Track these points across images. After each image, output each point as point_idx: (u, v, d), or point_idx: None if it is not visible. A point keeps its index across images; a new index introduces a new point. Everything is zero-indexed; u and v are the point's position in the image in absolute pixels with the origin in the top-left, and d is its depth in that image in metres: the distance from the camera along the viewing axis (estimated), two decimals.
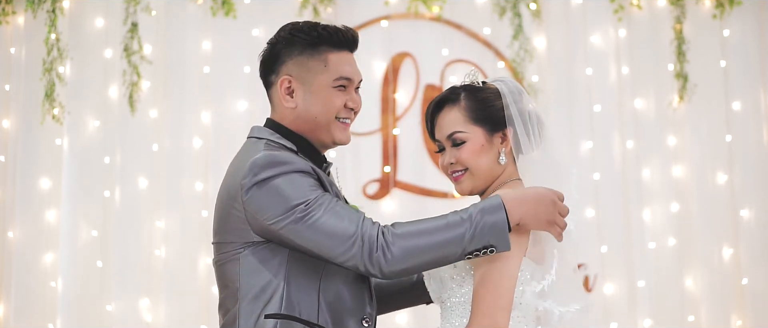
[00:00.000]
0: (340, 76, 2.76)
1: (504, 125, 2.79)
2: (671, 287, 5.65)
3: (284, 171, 2.60)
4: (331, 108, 2.76)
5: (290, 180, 2.59)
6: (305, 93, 2.76)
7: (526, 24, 5.73)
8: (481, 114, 2.78)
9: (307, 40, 2.76)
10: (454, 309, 2.71)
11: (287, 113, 2.78)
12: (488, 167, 2.79)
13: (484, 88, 2.83)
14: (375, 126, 5.73)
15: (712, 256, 5.69)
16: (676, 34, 5.78)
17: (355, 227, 2.53)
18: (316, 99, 2.76)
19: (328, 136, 2.78)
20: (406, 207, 5.58)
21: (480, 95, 2.81)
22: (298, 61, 2.76)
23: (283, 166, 2.61)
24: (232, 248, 2.68)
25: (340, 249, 2.54)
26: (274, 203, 2.57)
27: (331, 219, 2.54)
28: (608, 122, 5.75)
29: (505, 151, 2.81)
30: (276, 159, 2.62)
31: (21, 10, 5.44)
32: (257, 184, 2.59)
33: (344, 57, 2.79)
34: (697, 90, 5.75)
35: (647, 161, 5.75)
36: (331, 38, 2.77)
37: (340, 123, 2.79)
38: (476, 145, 2.78)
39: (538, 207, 2.58)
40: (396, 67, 5.76)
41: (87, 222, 5.41)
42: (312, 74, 2.76)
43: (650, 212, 5.72)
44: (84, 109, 5.48)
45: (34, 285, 5.30)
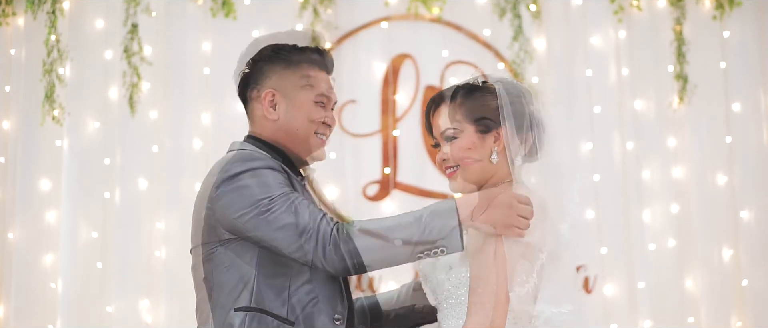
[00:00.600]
0: (321, 93, 2.88)
1: (498, 125, 2.79)
2: (671, 288, 5.65)
3: (253, 167, 2.69)
4: (312, 121, 2.86)
5: (258, 175, 2.67)
6: (288, 106, 2.86)
7: (526, 25, 5.73)
8: (475, 112, 2.80)
9: (290, 58, 2.89)
10: (450, 311, 2.72)
11: (267, 125, 2.88)
12: (479, 165, 2.80)
13: (482, 87, 2.84)
14: (375, 127, 5.73)
15: (712, 257, 5.68)
16: (676, 35, 5.78)
17: (311, 223, 2.59)
18: (298, 112, 2.86)
19: (305, 149, 2.88)
20: (407, 208, 5.54)
21: (476, 94, 2.83)
22: (282, 76, 2.88)
23: (253, 162, 2.71)
24: (206, 250, 2.78)
25: (294, 244, 2.60)
26: (241, 197, 2.66)
27: (288, 215, 2.60)
28: (608, 123, 5.75)
29: (498, 150, 2.80)
30: (246, 157, 2.74)
31: (21, 11, 5.44)
32: (227, 180, 2.70)
33: (323, 77, 2.92)
34: (697, 91, 5.74)
35: (647, 162, 5.75)
36: (311, 58, 2.90)
37: (317, 138, 2.88)
38: (467, 143, 2.79)
39: (494, 211, 2.62)
40: (396, 69, 5.76)
41: (87, 223, 5.41)
42: (295, 89, 2.87)
43: (650, 212, 5.71)
44: (84, 111, 5.48)
45: (34, 286, 5.29)
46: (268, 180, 2.66)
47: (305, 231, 2.59)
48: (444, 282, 2.72)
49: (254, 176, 2.67)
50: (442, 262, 2.73)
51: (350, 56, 5.75)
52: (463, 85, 2.85)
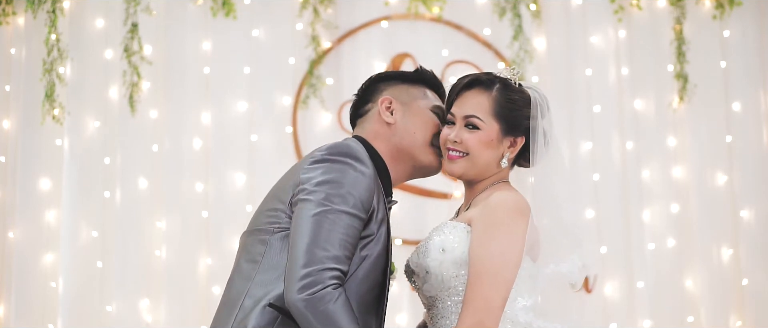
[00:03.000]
0: (439, 106, 2.89)
1: (520, 133, 2.79)
2: (671, 288, 5.64)
3: (349, 162, 2.62)
4: (429, 128, 2.85)
5: (347, 175, 2.61)
6: (405, 112, 2.85)
7: (526, 25, 5.73)
8: (505, 112, 2.78)
9: (408, 76, 2.92)
10: (453, 308, 2.70)
11: (382, 133, 2.83)
12: (487, 162, 2.80)
13: (519, 89, 2.83)
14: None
15: (711, 257, 5.68)
16: (676, 35, 5.77)
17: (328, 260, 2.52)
18: (415, 118, 2.85)
19: (422, 156, 2.84)
20: (407, 208, 5.55)
21: (513, 95, 2.81)
22: (399, 88, 2.89)
23: (350, 158, 2.63)
24: (269, 226, 2.68)
25: (297, 262, 2.52)
26: (319, 176, 2.60)
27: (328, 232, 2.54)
28: (608, 123, 5.74)
29: (510, 156, 2.82)
30: (346, 150, 2.65)
31: (21, 10, 5.43)
32: (323, 161, 2.63)
33: (439, 101, 2.93)
34: (697, 91, 5.74)
35: (647, 162, 5.74)
36: (425, 79, 2.92)
37: (434, 149, 2.85)
38: (487, 138, 2.78)
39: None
40: (396, 68, 5.72)
41: (87, 223, 5.41)
42: (412, 97, 2.87)
43: (650, 212, 5.71)
44: (84, 110, 5.48)
45: (35, 286, 5.29)
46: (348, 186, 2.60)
47: (313, 262, 2.52)
48: (451, 279, 2.70)
49: (342, 173, 2.61)
50: (452, 258, 2.69)
51: (350, 56, 5.74)
52: (501, 80, 2.83)
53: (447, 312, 2.72)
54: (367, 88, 2.94)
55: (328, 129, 5.67)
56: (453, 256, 2.68)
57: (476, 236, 2.66)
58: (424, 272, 2.74)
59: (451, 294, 2.71)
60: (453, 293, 2.70)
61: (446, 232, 2.72)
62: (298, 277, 2.50)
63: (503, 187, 2.81)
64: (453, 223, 2.74)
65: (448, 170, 2.84)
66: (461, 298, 2.68)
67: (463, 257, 2.67)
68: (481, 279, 2.60)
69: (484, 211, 2.69)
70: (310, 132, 5.68)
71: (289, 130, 5.63)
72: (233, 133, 5.50)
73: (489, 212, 2.67)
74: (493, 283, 2.59)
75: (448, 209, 5.20)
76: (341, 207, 2.57)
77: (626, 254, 5.65)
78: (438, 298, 2.75)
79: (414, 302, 5.20)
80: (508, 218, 2.65)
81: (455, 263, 2.68)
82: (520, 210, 2.68)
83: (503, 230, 2.64)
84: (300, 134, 5.66)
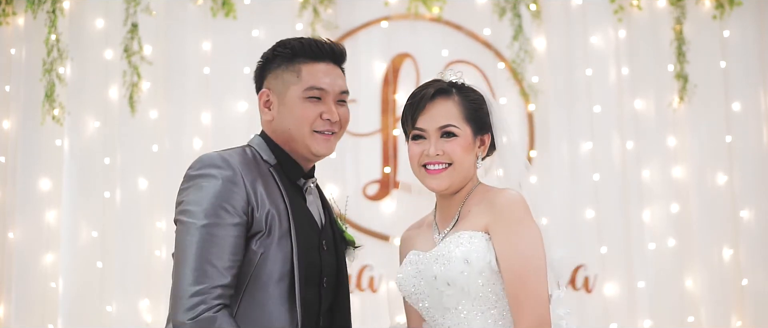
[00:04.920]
0: (311, 87, 2.75)
1: (486, 130, 2.82)
2: (671, 288, 5.64)
3: (206, 174, 2.62)
4: (303, 120, 2.74)
5: (201, 189, 2.61)
6: (280, 105, 2.77)
7: (526, 25, 5.72)
8: (472, 114, 2.79)
9: (285, 53, 2.78)
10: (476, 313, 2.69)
11: (268, 126, 2.80)
12: (468, 166, 2.80)
13: (473, 89, 2.85)
14: (375, 127, 5.73)
15: (712, 257, 5.68)
16: (676, 35, 5.77)
17: (205, 279, 2.52)
18: (288, 111, 2.75)
19: (305, 148, 2.76)
20: (406, 207, 5.52)
21: (471, 95, 2.82)
22: (276, 75, 2.78)
23: (210, 169, 2.63)
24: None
25: (180, 285, 2.53)
26: (183, 195, 2.63)
27: (202, 250, 2.55)
28: (608, 123, 5.74)
29: (482, 155, 2.83)
30: (207, 162, 2.66)
31: (21, 10, 5.44)
32: (184, 178, 2.65)
33: (320, 68, 2.78)
34: (697, 91, 5.73)
35: (647, 162, 5.74)
36: (306, 50, 2.77)
37: (318, 135, 2.76)
38: (465, 143, 2.78)
39: None
40: (396, 68, 5.75)
41: (87, 223, 5.41)
42: (285, 86, 2.76)
43: (650, 212, 5.71)
44: (84, 110, 5.49)
45: (35, 286, 5.30)
46: (210, 198, 2.59)
47: (192, 284, 2.52)
48: (478, 288, 2.67)
49: (199, 189, 2.61)
50: (478, 268, 2.67)
51: (350, 56, 5.61)
52: (454, 84, 2.83)
53: (470, 317, 2.71)
54: (257, 75, 2.87)
55: None
56: (479, 266, 2.66)
57: (504, 240, 2.66)
58: (445, 284, 2.70)
59: (473, 299, 2.69)
60: (475, 299, 2.69)
61: (466, 242, 2.70)
62: (178, 302, 2.53)
63: (490, 187, 2.82)
64: (469, 233, 2.72)
65: (432, 185, 2.81)
66: (483, 302, 2.68)
67: (488, 265, 2.66)
68: (527, 279, 2.61)
69: (500, 214, 2.68)
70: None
71: None
72: (233, 133, 5.50)
73: (506, 213, 2.67)
74: (537, 279, 2.62)
75: None
76: (205, 221, 2.57)
77: (626, 254, 5.65)
78: (457, 307, 2.72)
79: None
80: (524, 214, 2.67)
81: (480, 273, 2.67)
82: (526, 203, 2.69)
83: (525, 226, 2.66)
84: None
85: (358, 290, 5.58)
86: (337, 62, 2.84)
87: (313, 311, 2.71)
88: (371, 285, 5.56)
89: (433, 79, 2.86)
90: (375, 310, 5.54)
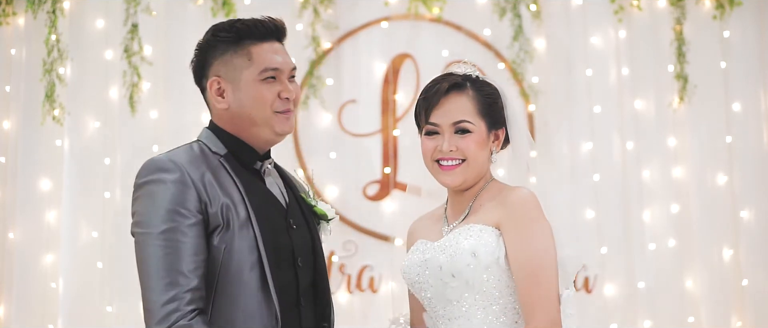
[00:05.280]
0: (266, 68, 2.69)
1: (500, 125, 2.80)
2: (671, 289, 5.63)
3: (155, 179, 2.59)
4: (263, 102, 2.68)
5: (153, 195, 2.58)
6: (235, 91, 2.69)
7: (526, 25, 5.71)
8: (486, 109, 2.77)
9: (229, 38, 2.72)
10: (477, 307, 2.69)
11: (222, 114, 2.73)
12: (482, 162, 2.78)
13: (487, 83, 2.82)
14: (375, 127, 5.72)
15: (712, 257, 5.67)
16: (676, 35, 5.76)
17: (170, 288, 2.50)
18: (245, 96, 2.69)
19: (268, 131, 2.71)
20: (406, 208, 5.54)
21: (486, 90, 2.79)
22: (223, 60, 2.71)
23: (159, 173, 2.60)
24: None
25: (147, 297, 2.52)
26: (134, 205, 2.60)
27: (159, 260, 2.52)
28: (608, 123, 5.73)
29: (496, 150, 2.80)
30: (154, 166, 2.62)
31: (21, 11, 5.43)
32: (135, 186, 2.63)
33: (268, 47, 2.73)
34: (697, 91, 5.72)
35: (647, 162, 5.73)
36: (251, 31, 2.72)
37: (278, 115, 2.71)
38: (480, 138, 2.75)
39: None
40: (396, 68, 5.75)
41: (87, 223, 5.40)
42: (238, 71, 2.69)
43: (650, 213, 5.70)
44: (84, 110, 5.48)
45: (35, 286, 5.30)
46: (159, 204, 2.56)
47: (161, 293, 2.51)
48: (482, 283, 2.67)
49: (150, 196, 2.58)
50: (485, 263, 2.66)
51: (350, 56, 5.73)
52: (468, 78, 2.80)
53: (471, 312, 2.70)
54: (198, 66, 2.79)
55: (329, 129, 5.67)
56: (486, 260, 2.66)
57: (516, 238, 2.66)
58: (450, 275, 2.69)
59: (476, 293, 2.68)
60: (478, 293, 2.67)
61: (475, 235, 2.69)
62: (151, 315, 2.52)
63: (504, 184, 2.81)
64: (479, 226, 2.71)
65: (445, 181, 2.79)
66: (486, 297, 2.67)
67: (496, 261, 2.66)
68: (540, 278, 2.61)
69: (513, 211, 2.67)
70: (311, 133, 5.67)
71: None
72: None
73: (520, 211, 2.67)
74: (549, 278, 2.62)
75: None
76: (163, 227, 2.54)
77: (627, 254, 5.64)
78: (459, 300, 2.71)
79: None
80: (538, 213, 2.67)
81: (487, 267, 2.66)
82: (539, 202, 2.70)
83: (538, 225, 2.66)
84: (300, 135, 5.65)
85: (358, 290, 5.58)
86: (280, 39, 2.78)
87: (291, 293, 2.67)
88: (371, 285, 5.55)
89: (446, 73, 2.83)
90: (375, 310, 5.54)
